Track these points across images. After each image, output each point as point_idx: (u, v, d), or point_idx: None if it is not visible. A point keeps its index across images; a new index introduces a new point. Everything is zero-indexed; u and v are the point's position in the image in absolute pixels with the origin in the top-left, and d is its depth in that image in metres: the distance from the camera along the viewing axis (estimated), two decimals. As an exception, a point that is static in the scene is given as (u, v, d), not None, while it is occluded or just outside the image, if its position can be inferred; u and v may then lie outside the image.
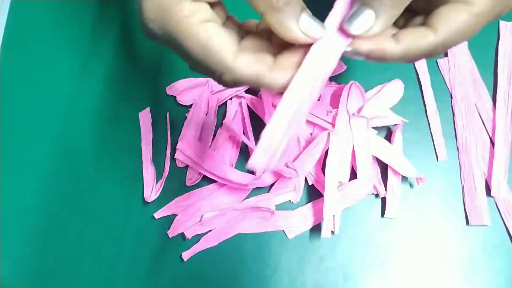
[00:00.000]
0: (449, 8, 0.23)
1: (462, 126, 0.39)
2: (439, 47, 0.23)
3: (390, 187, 0.37)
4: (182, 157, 0.38)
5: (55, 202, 0.38)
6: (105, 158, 0.39)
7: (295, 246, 0.37)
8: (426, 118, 0.39)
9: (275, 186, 0.38)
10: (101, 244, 0.37)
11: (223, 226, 0.37)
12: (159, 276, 0.37)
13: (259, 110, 0.39)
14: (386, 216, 0.37)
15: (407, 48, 0.23)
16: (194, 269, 0.37)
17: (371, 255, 0.37)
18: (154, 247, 0.37)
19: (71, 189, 0.39)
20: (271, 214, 0.37)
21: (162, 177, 0.38)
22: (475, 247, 0.37)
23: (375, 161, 0.38)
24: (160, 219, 0.38)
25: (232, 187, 0.37)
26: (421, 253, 0.37)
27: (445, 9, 0.23)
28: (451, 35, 0.23)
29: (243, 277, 0.36)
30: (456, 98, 0.40)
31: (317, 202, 0.37)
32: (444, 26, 0.23)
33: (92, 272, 0.37)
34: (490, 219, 0.37)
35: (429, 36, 0.23)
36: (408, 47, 0.23)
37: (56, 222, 0.38)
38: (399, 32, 0.23)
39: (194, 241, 0.37)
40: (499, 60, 0.40)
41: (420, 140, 0.39)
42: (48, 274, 0.37)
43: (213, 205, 0.37)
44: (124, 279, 0.37)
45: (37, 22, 0.43)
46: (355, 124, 0.37)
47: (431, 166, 0.38)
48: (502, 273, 0.36)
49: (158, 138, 0.39)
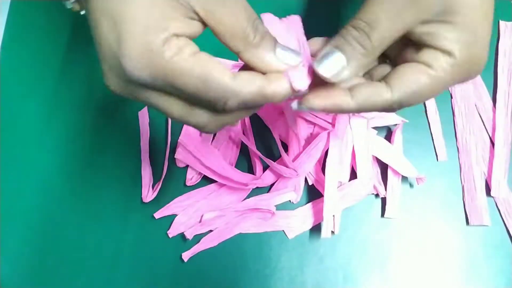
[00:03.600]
0: (410, 68, 0.23)
1: (462, 126, 0.39)
2: (394, 105, 0.23)
3: (390, 187, 0.37)
4: (183, 153, 0.38)
5: (55, 202, 0.38)
6: (105, 158, 0.39)
7: (295, 246, 0.37)
8: (426, 118, 0.39)
9: (275, 186, 0.38)
10: (101, 244, 0.37)
11: (223, 226, 0.37)
12: (159, 276, 0.37)
13: (259, 110, 0.39)
14: (386, 216, 0.37)
15: (361, 103, 0.23)
16: (194, 269, 0.37)
17: (371, 255, 0.37)
18: (154, 247, 0.37)
19: (71, 189, 0.39)
20: (271, 215, 0.37)
21: (160, 177, 0.38)
22: (475, 247, 0.37)
23: (375, 161, 0.38)
24: (160, 219, 0.38)
25: (232, 187, 0.37)
26: (421, 253, 0.37)
27: (406, 68, 0.23)
28: (407, 95, 0.23)
29: (243, 277, 0.36)
30: (456, 98, 0.40)
31: (317, 202, 0.37)
32: (401, 86, 0.23)
33: (92, 272, 0.37)
34: (490, 219, 0.37)
35: (385, 94, 0.23)
36: (363, 103, 0.23)
37: (56, 222, 0.38)
38: (355, 87, 0.23)
39: (194, 242, 0.37)
40: (499, 60, 0.40)
41: (420, 140, 0.39)
42: (48, 274, 0.37)
43: (213, 205, 0.37)
44: (124, 279, 0.37)
45: (37, 22, 0.43)
46: (355, 124, 0.37)
47: (431, 166, 0.38)
48: (502, 273, 0.36)
49: (159, 138, 0.39)
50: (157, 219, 0.38)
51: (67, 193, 0.38)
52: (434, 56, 0.23)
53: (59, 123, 0.40)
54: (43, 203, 0.38)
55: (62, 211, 0.38)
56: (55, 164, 0.39)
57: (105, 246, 0.37)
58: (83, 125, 0.40)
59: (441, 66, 0.23)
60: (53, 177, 0.39)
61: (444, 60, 0.22)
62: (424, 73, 0.23)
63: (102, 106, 0.40)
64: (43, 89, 0.41)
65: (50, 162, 0.39)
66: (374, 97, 0.23)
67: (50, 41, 0.42)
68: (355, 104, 0.23)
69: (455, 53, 0.22)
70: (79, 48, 0.42)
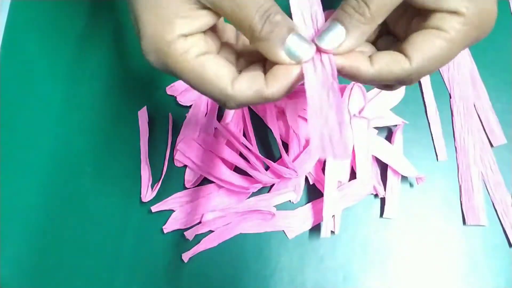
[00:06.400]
0: (423, 35, 0.23)
1: (461, 126, 0.39)
2: (413, 75, 0.23)
3: (390, 187, 0.37)
4: (182, 158, 0.38)
5: (55, 202, 0.38)
6: (105, 158, 0.39)
7: (295, 246, 0.37)
8: (426, 118, 0.40)
9: (275, 186, 0.38)
10: (101, 245, 0.37)
11: (223, 227, 0.37)
12: (159, 277, 0.37)
13: (259, 111, 0.39)
14: (385, 216, 0.37)
15: (379, 70, 0.23)
16: (194, 269, 0.37)
17: (371, 255, 0.37)
18: (154, 247, 0.37)
19: (71, 189, 0.38)
20: (271, 216, 0.37)
21: (160, 177, 0.38)
22: (474, 247, 0.37)
23: (375, 161, 0.38)
24: (159, 219, 0.37)
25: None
26: (421, 253, 0.37)
27: (419, 36, 0.23)
28: (426, 63, 0.23)
29: (243, 277, 0.36)
30: (455, 98, 0.40)
31: (317, 202, 0.37)
32: (418, 55, 0.22)
33: (92, 272, 0.37)
34: (490, 219, 0.37)
35: (403, 63, 0.23)
36: (381, 70, 0.23)
37: (56, 222, 0.38)
38: (375, 54, 0.23)
39: (194, 242, 0.37)
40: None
41: (420, 140, 0.39)
42: (48, 274, 0.37)
43: (212, 205, 0.37)
44: (124, 279, 0.37)
45: (37, 22, 0.43)
46: (355, 124, 0.37)
47: (431, 166, 0.38)
48: (501, 273, 0.36)
49: (159, 138, 0.39)
50: (157, 219, 0.37)
51: (67, 193, 0.38)
52: (443, 19, 0.22)
53: (59, 123, 0.40)
54: (43, 203, 0.38)
55: (62, 211, 0.38)
56: (55, 164, 0.39)
57: (105, 246, 0.37)
58: (83, 125, 0.40)
59: (453, 27, 0.22)
60: (53, 177, 0.39)
61: (454, 20, 0.22)
62: (438, 37, 0.22)
63: (102, 106, 0.40)
64: (43, 89, 0.41)
65: (50, 162, 0.39)
66: (392, 65, 0.23)
67: (50, 41, 0.42)
68: (374, 71, 0.23)
69: (463, 11, 0.22)
70: (79, 48, 0.42)
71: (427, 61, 0.22)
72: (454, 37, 0.22)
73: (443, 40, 0.22)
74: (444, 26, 0.22)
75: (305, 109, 0.38)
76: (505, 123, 0.39)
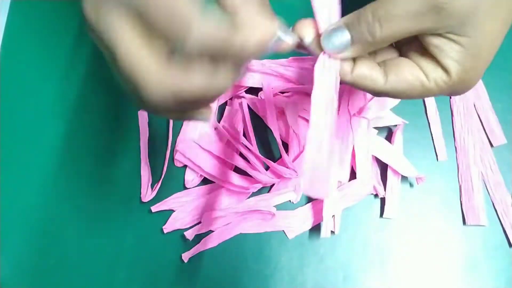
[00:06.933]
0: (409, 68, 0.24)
1: (461, 126, 0.39)
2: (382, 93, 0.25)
3: (390, 188, 0.37)
4: (182, 158, 0.38)
5: (55, 202, 0.38)
6: (105, 158, 0.39)
7: (295, 246, 0.37)
8: (426, 118, 0.40)
9: (275, 186, 0.38)
10: (101, 245, 0.37)
11: (223, 227, 0.37)
12: (159, 277, 0.37)
13: (260, 111, 0.39)
14: (385, 216, 0.37)
15: (356, 78, 0.24)
16: (194, 269, 0.37)
17: (371, 254, 0.37)
18: (154, 247, 0.37)
19: (71, 188, 0.38)
20: (271, 216, 0.37)
21: (160, 177, 0.38)
22: (474, 247, 0.37)
23: (375, 161, 0.38)
24: (159, 219, 0.37)
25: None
26: (421, 253, 0.37)
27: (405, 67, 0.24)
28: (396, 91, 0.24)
29: (243, 277, 0.36)
30: (455, 98, 0.40)
31: (317, 202, 0.37)
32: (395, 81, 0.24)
33: (92, 272, 0.37)
34: (490, 219, 0.37)
35: (379, 80, 0.24)
36: (357, 78, 0.24)
37: (56, 222, 0.38)
38: (358, 60, 0.24)
39: (194, 242, 0.37)
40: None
41: (420, 140, 0.39)
42: (48, 274, 0.37)
43: (213, 205, 0.37)
44: (124, 279, 0.37)
45: (37, 22, 0.43)
46: (355, 124, 0.37)
47: (431, 166, 0.38)
48: (501, 273, 0.36)
49: (159, 138, 0.39)
50: (157, 219, 0.37)
51: (67, 193, 0.38)
52: (434, 68, 0.24)
53: (59, 123, 0.40)
54: (43, 203, 0.38)
55: (62, 211, 0.38)
56: (54, 164, 0.39)
57: (105, 246, 0.37)
58: (83, 125, 0.40)
59: (435, 80, 0.24)
60: (53, 177, 0.39)
61: (440, 76, 0.24)
62: (418, 79, 0.24)
63: (102, 106, 0.40)
64: (43, 89, 0.41)
65: (49, 162, 0.39)
66: (369, 78, 0.24)
67: (50, 41, 0.42)
68: (351, 76, 0.24)
69: (452, 74, 0.23)
70: (79, 48, 0.42)
71: (399, 91, 0.24)
72: (431, 88, 0.24)
73: (421, 85, 0.24)
74: (430, 75, 0.24)
75: (305, 109, 0.38)
76: (505, 123, 0.39)
